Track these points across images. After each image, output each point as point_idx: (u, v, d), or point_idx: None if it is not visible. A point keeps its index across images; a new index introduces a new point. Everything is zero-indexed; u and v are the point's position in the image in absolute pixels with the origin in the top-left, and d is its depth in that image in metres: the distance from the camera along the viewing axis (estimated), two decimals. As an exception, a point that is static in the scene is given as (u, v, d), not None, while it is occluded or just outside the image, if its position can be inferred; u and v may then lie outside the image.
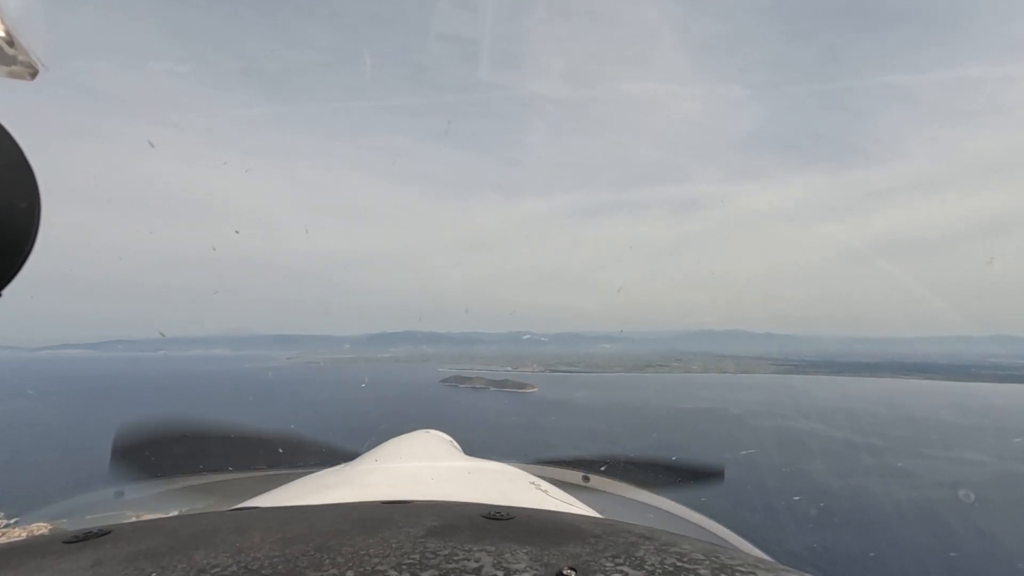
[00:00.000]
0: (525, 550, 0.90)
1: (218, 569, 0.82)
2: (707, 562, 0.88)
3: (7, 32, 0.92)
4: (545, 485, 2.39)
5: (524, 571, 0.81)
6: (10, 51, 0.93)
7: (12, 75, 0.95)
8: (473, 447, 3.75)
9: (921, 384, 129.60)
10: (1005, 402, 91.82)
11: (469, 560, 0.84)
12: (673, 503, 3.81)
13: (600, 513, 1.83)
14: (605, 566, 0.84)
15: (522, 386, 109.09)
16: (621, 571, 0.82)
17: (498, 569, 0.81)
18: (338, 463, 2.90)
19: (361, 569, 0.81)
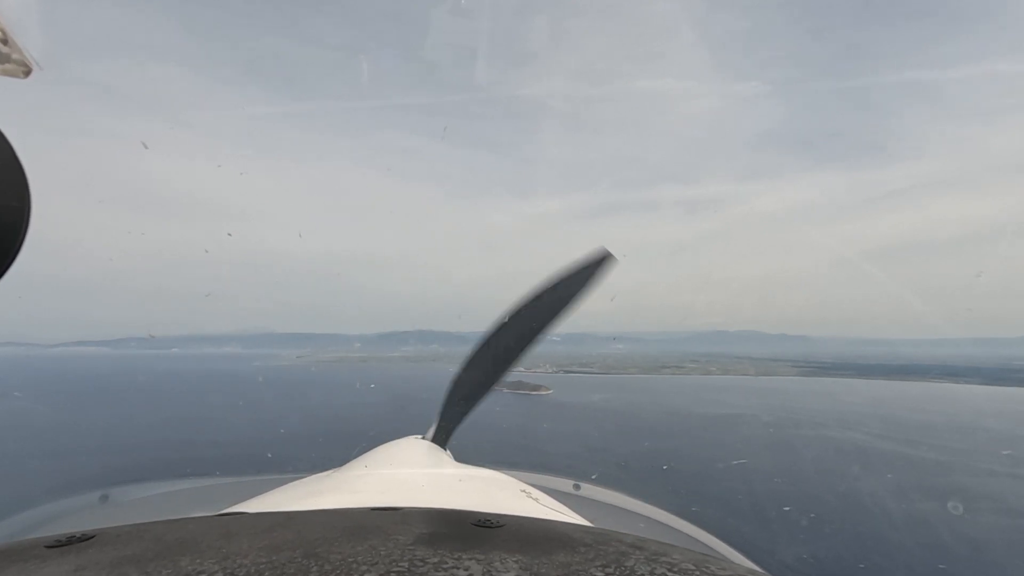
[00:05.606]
0: (515, 558, 0.90)
1: (204, 575, 0.81)
2: (697, 572, 0.88)
3: (1, 30, 0.92)
4: (536, 493, 2.36)
5: None
6: (3, 49, 0.92)
7: (5, 73, 0.95)
8: (484, 456, 3.61)
9: (956, 388, 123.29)
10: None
11: (458, 568, 0.84)
12: (664, 512, 3.97)
13: (591, 522, 1.79)
14: (595, 575, 0.84)
15: (536, 388, 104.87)
16: None
17: None
18: (328, 468, 2.87)
19: None
